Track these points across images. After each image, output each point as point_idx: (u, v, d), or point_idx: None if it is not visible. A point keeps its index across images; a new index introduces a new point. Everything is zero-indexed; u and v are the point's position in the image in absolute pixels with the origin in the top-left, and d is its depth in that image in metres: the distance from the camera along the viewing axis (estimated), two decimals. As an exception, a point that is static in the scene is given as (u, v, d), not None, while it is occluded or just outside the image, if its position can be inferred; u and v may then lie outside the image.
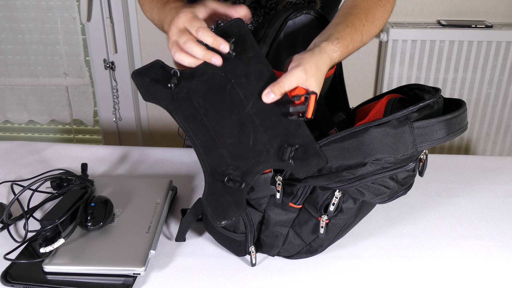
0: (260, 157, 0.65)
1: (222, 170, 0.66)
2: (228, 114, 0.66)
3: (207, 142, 0.66)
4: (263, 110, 0.65)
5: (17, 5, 1.98)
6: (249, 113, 0.65)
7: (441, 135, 0.64)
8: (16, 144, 1.17)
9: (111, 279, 0.72)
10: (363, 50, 1.96)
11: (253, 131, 0.65)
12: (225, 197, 0.65)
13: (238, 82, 0.66)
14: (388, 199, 0.71)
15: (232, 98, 0.66)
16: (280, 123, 0.65)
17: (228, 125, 0.66)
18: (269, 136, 0.65)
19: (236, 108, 0.66)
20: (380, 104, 0.73)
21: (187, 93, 0.66)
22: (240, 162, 0.66)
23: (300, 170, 0.65)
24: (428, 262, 0.79)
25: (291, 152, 0.65)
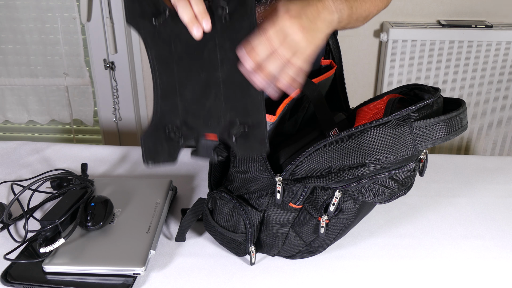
0: (211, 123, 0.66)
1: (170, 118, 0.66)
2: (199, 70, 0.65)
3: (168, 88, 0.66)
4: (232, 80, 0.65)
5: (17, 5, 1.98)
6: (218, 77, 0.65)
7: (441, 134, 0.64)
8: (16, 144, 1.17)
9: (111, 279, 0.72)
10: (363, 50, 1.96)
11: (214, 96, 0.65)
12: (162, 143, 0.66)
13: (220, 45, 0.64)
14: (388, 199, 0.71)
15: (209, 57, 0.65)
16: (242, 99, 0.65)
17: (195, 80, 0.65)
18: (227, 106, 0.65)
19: (209, 68, 0.65)
20: (380, 104, 0.73)
21: (169, 34, 0.65)
22: (190, 119, 0.66)
23: (240, 150, 0.66)
24: (428, 262, 0.79)
25: (238, 130, 0.65)
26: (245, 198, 0.76)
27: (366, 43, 1.96)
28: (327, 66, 0.88)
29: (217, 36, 0.64)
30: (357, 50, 1.97)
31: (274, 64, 0.62)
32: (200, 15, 0.62)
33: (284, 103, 0.74)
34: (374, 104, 0.76)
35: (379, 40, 1.95)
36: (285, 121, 0.79)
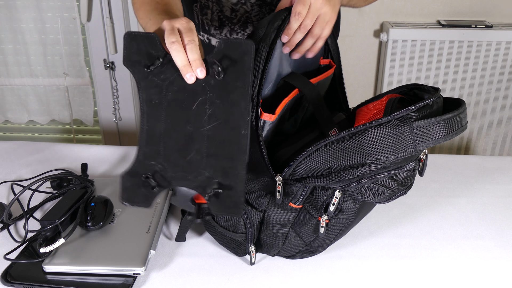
0: (189, 175, 0.65)
1: (150, 164, 0.66)
2: (185, 122, 0.64)
3: (153, 133, 0.65)
4: (217, 138, 0.64)
5: (17, 5, 1.98)
6: (203, 133, 0.64)
7: (441, 134, 0.64)
8: (16, 144, 1.17)
9: (111, 279, 0.72)
10: (363, 50, 1.96)
11: (196, 150, 0.64)
12: (139, 186, 0.66)
13: (211, 100, 0.64)
14: (388, 199, 0.71)
15: (197, 110, 0.64)
16: (223, 159, 0.64)
17: (180, 131, 0.65)
18: (208, 164, 0.64)
19: (195, 121, 0.64)
20: (380, 104, 0.73)
21: (162, 80, 0.65)
22: (170, 167, 0.65)
23: (213, 208, 0.65)
24: (428, 262, 0.79)
25: (217, 190, 0.64)
26: (245, 198, 0.76)
27: (366, 43, 1.96)
28: (326, 66, 0.88)
29: (209, 91, 0.64)
30: (357, 50, 1.97)
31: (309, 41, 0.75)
32: (195, 63, 0.63)
33: (284, 103, 0.74)
34: (373, 104, 0.76)
35: (379, 40, 1.95)
36: (285, 120, 0.79)
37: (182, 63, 0.62)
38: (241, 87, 0.63)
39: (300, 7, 0.70)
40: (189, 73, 0.63)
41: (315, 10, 0.71)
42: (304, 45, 0.76)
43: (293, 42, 0.74)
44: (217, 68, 0.63)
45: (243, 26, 1.02)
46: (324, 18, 0.73)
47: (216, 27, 1.03)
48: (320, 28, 0.73)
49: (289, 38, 0.73)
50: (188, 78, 0.63)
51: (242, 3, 0.99)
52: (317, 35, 0.74)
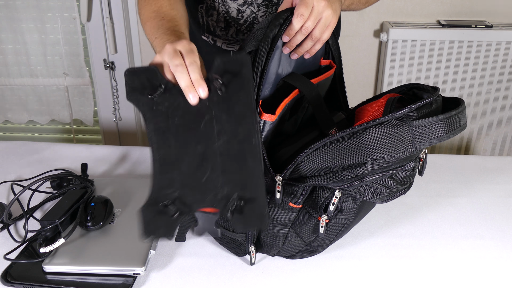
0: (207, 196, 0.64)
1: (167, 192, 0.65)
2: (195, 143, 0.64)
3: (165, 161, 0.65)
4: (229, 152, 0.64)
5: (17, 5, 1.98)
6: (215, 150, 0.64)
7: (440, 133, 0.64)
8: (16, 144, 1.17)
9: (111, 279, 0.72)
10: (363, 50, 1.96)
11: (211, 169, 0.64)
12: (160, 217, 0.65)
13: (217, 117, 0.64)
14: (388, 199, 0.71)
15: (205, 130, 0.64)
16: (240, 172, 0.64)
17: (191, 154, 0.65)
18: (225, 180, 0.64)
19: (205, 140, 0.64)
20: (379, 104, 0.73)
21: (167, 107, 0.65)
22: (188, 192, 0.65)
23: (237, 225, 0.64)
24: (428, 262, 0.79)
25: (238, 205, 0.63)
26: None
27: (366, 43, 1.96)
28: (327, 67, 0.88)
29: (214, 108, 0.64)
30: (357, 50, 1.97)
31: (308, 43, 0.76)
32: (197, 82, 0.63)
33: (284, 103, 0.74)
34: (373, 104, 0.76)
35: (379, 40, 1.95)
36: (285, 121, 0.79)
37: (186, 83, 0.63)
38: (244, 99, 0.64)
39: (303, 8, 0.71)
40: (192, 93, 0.63)
41: (317, 13, 0.72)
42: (303, 47, 0.76)
43: (293, 43, 0.74)
44: (218, 83, 0.63)
45: (249, 27, 1.02)
46: (325, 22, 0.73)
47: (222, 28, 1.03)
48: (320, 31, 0.74)
49: (289, 39, 0.73)
50: (191, 98, 0.63)
51: (248, 4, 0.99)
52: (317, 38, 0.75)
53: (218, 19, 1.03)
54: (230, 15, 1.01)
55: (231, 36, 1.04)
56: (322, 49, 0.86)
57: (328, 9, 0.72)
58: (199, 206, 0.65)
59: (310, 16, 0.72)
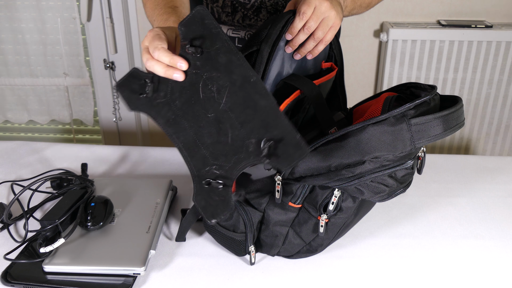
0: (241, 154, 0.64)
1: (206, 170, 0.66)
2: (204, 112, 0.65)
3: (189, 144, 0.66)
4: (237, 103, 0.63)
5: (17, 5, 1.98)
6: (224, 108, 0.64)
7: (438, 131, 0.64)
8: (16, 144, 1.17)
9: (111, 279, 0.72)
10: (363, 50, 1.96)
11: (230, 127, 0.64)
12: (212, 197, 0.66)
13: (209, 78, 0.64)
14: (388, 197, 0.71)
15: (205, 96, 0.64)
16: (256, 116, 0.63)
17: (206, 124, 0.65)
18: (247, 131, 0.63)
19: (211, 105, 0.64)
20: (377, 103, 0.73)
21: (164, 97, 0.66)
22: (223, 160, 0.65)
23: (282, 164, 0.63)
24: (428, 262, 0.79)
25: (269, 148, 0.63)
26: (245, 198, 0.76)
27: (366, 43, 1.96)
28: (328, 69, 0.88)
29: (201, 72, 0.64)
30: (357, 50, 1.97)
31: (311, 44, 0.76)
32: (173, 62, 0.64)
33: (285, 103, 0.74)
34: (371, 103, 0.76)
35: (379, 40, 1.95)
36: (285, 121, 0.79)
37: (162, 71, 0.64)
38: (221, 47, 0.63)
39: (305, 7, 0.71)
40: (174, 74, 0.64)
41: (320, 13, 0.72)
42: (306, 47, 0.76)
43: (296, 42, 0.74)
44: (191, 49, 0.63)
45: (257, 11, 1.02)
46: (328, 23, 0.73)
47: (228, 13, 1.03)
48: (322, 32, 0.74)
49: (292, 37, 0.73)
50: (177, 77, 0.64)
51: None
52: (319, 39, 0.75)
53: (224, 4, 1.02)
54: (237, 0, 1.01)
55: (237, 22, 1.04)
56: (325, 52, 0.86)
57: (331, 10, 0.73)
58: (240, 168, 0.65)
59: (313, 15, 0.72)
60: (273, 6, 1.01)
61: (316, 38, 0.75)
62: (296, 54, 0.77)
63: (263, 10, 1.02)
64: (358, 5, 0.90)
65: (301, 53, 0.77)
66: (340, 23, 0.75)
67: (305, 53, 0.77)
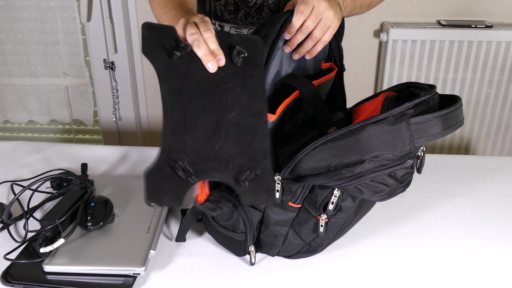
0: (219, 165, 0.65)
1: (178, 156, 0.64)
2: (210, 111, 0.65)
3: (178, 124, 0.65)
4: (242, 125, 0.66)
5: (17, 5, 1.98)
6: (228, 121, 0.65)
7: (437, 130, 0.64)
8: (16, 144, 1.17)
9: (111, 279, 0.72)
10: (363, 50, 1.96)
11: (224, 138, 0.65)
12: (168, 182, 0.64)
13: (232, 89, 0.66)
14: (387, 197, 0.71)
15: (220, 99, 0.65)
16: (251, 145, 0.66)
17: (206, 120, 0.65)
18: (236, 151, 0.65)
19: (220, 110, 0.65)
20: (376, 102, 0.73)
21: (184, 70, 0.65)
22: (199, 159, 0.65)
23: (247, 197, 0.66)
24: (428, 262, 0.79)
25: (248, 177, 0.65)
26: None
27: (366, 43, 1.96)
28: (327, 69, 0.88)
29: (230, 80, 0.66)
30: (357, 50, 1.97)
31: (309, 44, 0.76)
32: (216, 51, 0.65)
33: (285, 103, 0.74)
34: (370, 103, 0.76)
35: (379, 40, 1.95)
36: (285, 122, 0.79)
37: (203, 52, 0.64)
38: (257, 76, 0.66)
39: (302, 6, 0.71)
40: (211, 62, 0.64)
41: (318, 12, 0.72)
42: (304, 47, 0.76)
43: (294, 42, 0.74)
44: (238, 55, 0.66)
45: (259, 9, 1.02)
46: (326, 23, 0.73)
47: (230, 11, 1.03)
48: (320, 32, 0.74)
49: (290, 36, 0.73)
50: (210, 67, 0.65)
51: None
52: (317, 39, 0.75)
53: (227, 2, 1.02)
54: None
55: (240, 20, 1.04)
56: (324, 53, 0.86)
57: (329, 10, 0.72)
58: (209, 176, 0.65)
59: (311, 15, 0.72)
60: (276, 4, 1.01)
61: (314, 38, 0.74)
62: (295, 54, 0.77)
63: (266, 8, 1.02)
64: (358, 6, 0.90)
65: (299, 53, 0.77)
66: (338, 23, 0.75)
67: (303, 53, 0.77)
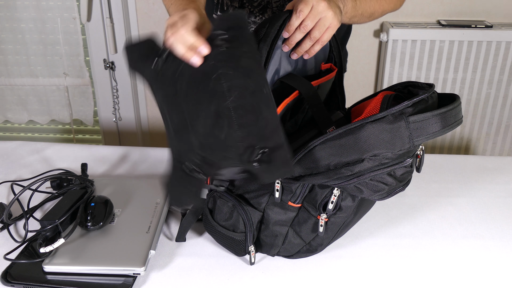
0: (229, 153, 0.64)
1: (188, 157, 0.64)
2: (207, 103, 0.64)
3: (180, 126, 0.65)
4: (243, 106, 0.63)
5: (17, 5, 1.98)
6: (228, 106, 0.63)
7: (436, 128, 0.64)
8: (16, 144, 1.17)
9: (111, 279, 0.72)
10: (363, 50, 1.96)
11: (227, 125, 0.63)
12: (184, 184, 0.65)
13: (224, 74, 0.64)
14: (387, 196, 0.71)
15: (214, 88, 0.64)
16: (256, 123, 0.63)
17: (205, 114, 0.64)
18: (243, 134, 0.63)
19: (217, 99, 0.64)
20: (375, 101, 0.73)
21: (172, 73, 0.65)
22: (208, 153, 0.64)
23: (264, 175, 0.64)
24: (428, 262, 0.79)
25: (259, 155, 0.63)
26: (245, 197, 0.76)
27: (366, 43, 1.96)
28: (327, 70, 0.88)
29: (220, 66, 0.64)
30: (357, 50, 1.97)
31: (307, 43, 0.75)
32: (197, 43, 0.63)
33: (284, 103, 0.74)
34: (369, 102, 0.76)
35: (379, 40, 1.95)
36: (285, 122, 0.79)
37: (181, 51, 0.63)
38: (248, 52, 0.64)
39: (302, 5, 0.71)
40: (192, 58, 0.63)
41: (317, 12, 0.72)
42: (302, 46, 0.76)
43: (292, 40, 0.74)
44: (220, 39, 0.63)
45: (263, 10, 1.02)
46: (325, 23, 0.73)
47: (235, 7, 1.03)
48: (319, 32, 0.73)
49: (289, 35, 0.73)
50: (194, 62, 0.63)
51: None
52: (316, 39, 0.74)
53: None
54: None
55: None
56: (324, 54, 0.86)
57: (329, 10, 0.72)
58: (224, 164, 0.64)
59: (310, 14, 0.71)
60: (279, 7, 1.01)
61: (312, 38, 0.74)
62: (293, 54, 0.77)
63: (269, 10, 1.02)
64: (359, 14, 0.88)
65: (298, 52, 0.76)
66: (338, 24, 0.74)
67: (301, 52, 0.76)
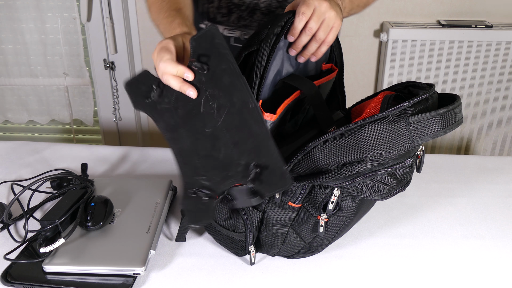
0: (229, 172, 0.67)
1: (195, 179, 0.68)
2: (203, 126, 0.67)
3: (184, 152, 0.68)
4: (233, 124, 0.66)
5: (17, 5, 1.98)
6: (221, 127, 0.66)
7: (437, 128, 0.64)
8: (16, 144, 1.17)
9: (111, 279, 0.72)
10: (363, 50, 1.96)
11: (223, 145, 0.66)
12: (197, 204, 0.68)
13: (211, 94, 0.66)
14: (387, 196, 0.71)
15: (205, 111, 0.66)
16: (248, 140, 0.65)
17: (202, 137, 0.67)
18: (238, 152, 0.66)
19: (210, 121, 0.66)
20: (375, 101, 0.73)
21: (168, 103, 0.68)
22: (212, 174, 0.67)
23: (263, 190, 0.66)
24: (428, 262, 0.79)
25: (255, 173, 0.66)
26: None
27: (366, 43, 1.96)
28: (328, 70, 0.88)
29: (205, 88, 0.66)
30: (357, 50, 1.97)
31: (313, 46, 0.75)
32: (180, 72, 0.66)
33: (285, 103, 0.74)
34: (369, 102, 0.76)
35: (379, 40, 1.95)
36: (286, 122, 0.79)
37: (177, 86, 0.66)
38: (227, 68, 0.65)
39: (304, 7, 0.71)
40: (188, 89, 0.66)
41: (320, 13, 0.72)
42: (309, 49, 0.76)
43: (299, 44, 0.74)
44: (198, 65, 0.65)
45: (251, 12, 1.02)
46: (329, 23, 0.73)
47: (224, 14, 1.04)
48: (324, 33, 0.74)
49: (294, 38, 0.73)
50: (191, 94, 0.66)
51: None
52: (321, 40, 0.74)
53: (220, 5, 1.03)
54: (233, 1, 1.01)
55: (233, 22, 1.04)
56: (325, 54, 0.86)
57: (331, 10, 0.72)
58: (227, 184, 0.67)
59: (313, 16, 0.72)
60: (267, 7, 1.02)
61: (318, 39, 0.74)
62: (300, 57, 0.77)
63: (257, 11, 1.02)
64: (355, 5, 0.91)
65: (305, 55, 0.77)
66: (340, 23, 0.75)
67: (308, 55, 0.77)
